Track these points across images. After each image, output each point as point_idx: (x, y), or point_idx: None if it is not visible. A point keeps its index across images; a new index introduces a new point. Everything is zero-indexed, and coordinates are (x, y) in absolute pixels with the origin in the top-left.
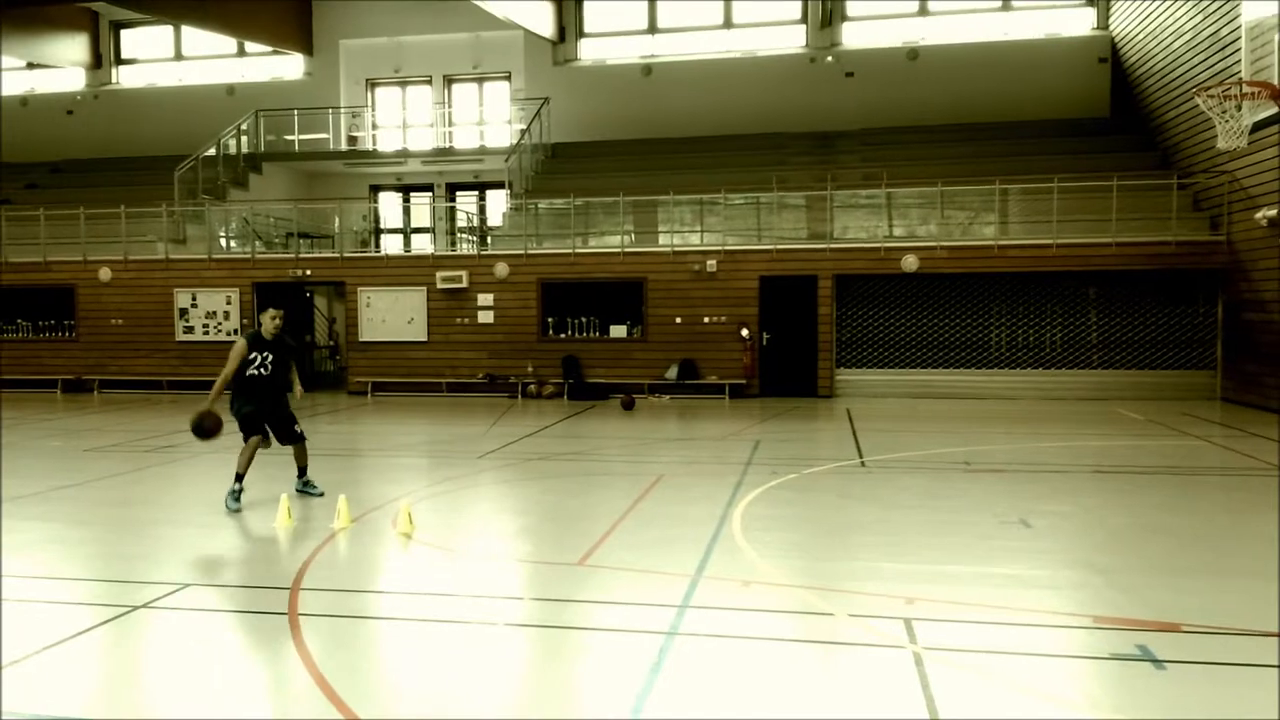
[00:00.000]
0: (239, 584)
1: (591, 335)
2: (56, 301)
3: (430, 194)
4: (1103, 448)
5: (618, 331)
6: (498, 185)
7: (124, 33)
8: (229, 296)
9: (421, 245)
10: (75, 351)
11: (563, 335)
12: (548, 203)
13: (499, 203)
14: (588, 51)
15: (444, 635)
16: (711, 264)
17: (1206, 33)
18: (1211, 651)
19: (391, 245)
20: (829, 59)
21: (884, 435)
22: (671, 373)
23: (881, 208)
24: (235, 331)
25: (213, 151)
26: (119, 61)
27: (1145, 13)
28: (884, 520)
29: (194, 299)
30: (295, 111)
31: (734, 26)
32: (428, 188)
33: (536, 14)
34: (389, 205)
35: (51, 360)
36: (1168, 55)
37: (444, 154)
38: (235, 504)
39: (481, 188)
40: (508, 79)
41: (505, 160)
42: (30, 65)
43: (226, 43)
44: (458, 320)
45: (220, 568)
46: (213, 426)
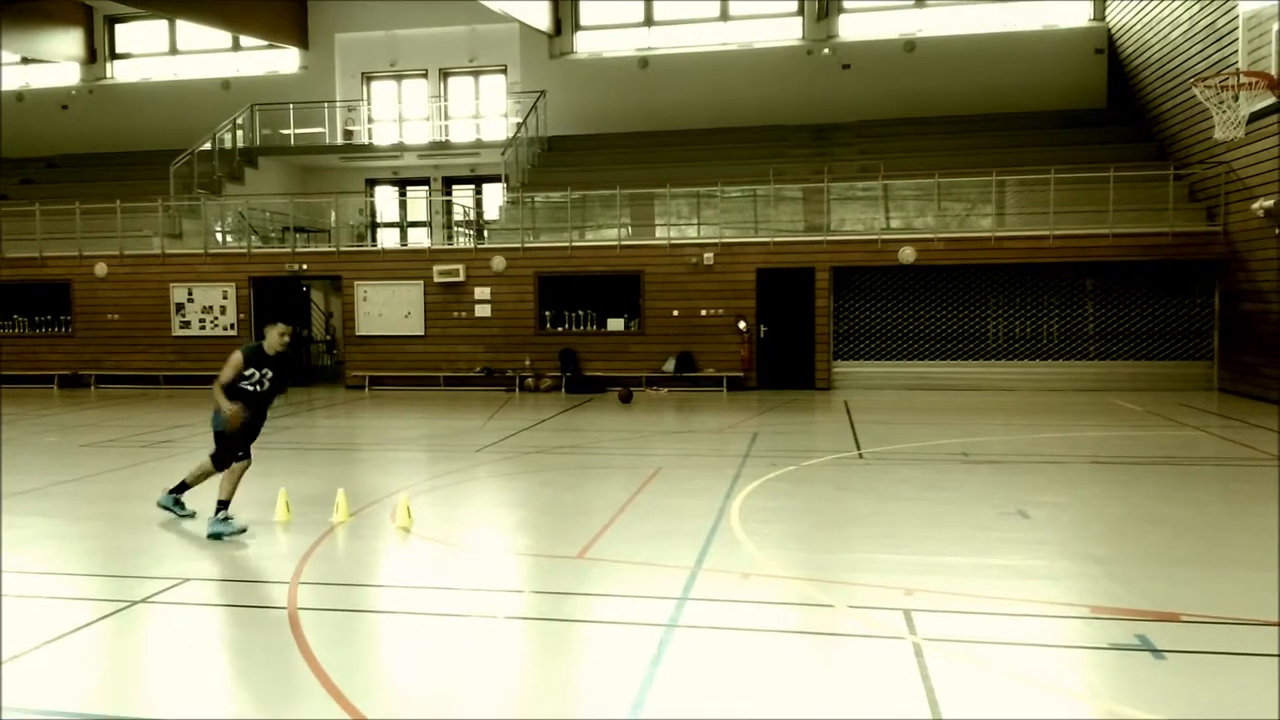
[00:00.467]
0: (238, 578)
1: (589, 328)
2: (52, 297)
3: (426, 188)
4: (1100, 438)
5: (615, 324)
6: (494, 179)
7: (118, 27)
8: (225, 291)
9: (418, 239)
10: (71, 347)
11: (560, 328)
12: (544, 196)
13: (495, 196)
14: (584, 44)
15: (444, 629)
16: (709, 257)
17: (1203, 23)
18: (1211, 641)
19: (388, 239)
20: (825, 51)
21: (882, 427)
22: (669, 365)
23: (878, 200)
24: (232, 326)
25: (208, 146)
26: (114, 56)
27: (1142, 4)
28: (882, 512)
29: (190, 294)
30: (291, 105)
31: (730, 19)
32: (424, 181)
33: (532, 7)
34: (385, 199)
35: (48, 356)
36: (1164, 46)
37: (440, 148)
38: (231, 529)
39: (478, 181)
40: (504, 72)
41: (502, 154)
42: (25, 60)
43: (221, 37)
44: (455, 314)
45: (219, 562)
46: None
